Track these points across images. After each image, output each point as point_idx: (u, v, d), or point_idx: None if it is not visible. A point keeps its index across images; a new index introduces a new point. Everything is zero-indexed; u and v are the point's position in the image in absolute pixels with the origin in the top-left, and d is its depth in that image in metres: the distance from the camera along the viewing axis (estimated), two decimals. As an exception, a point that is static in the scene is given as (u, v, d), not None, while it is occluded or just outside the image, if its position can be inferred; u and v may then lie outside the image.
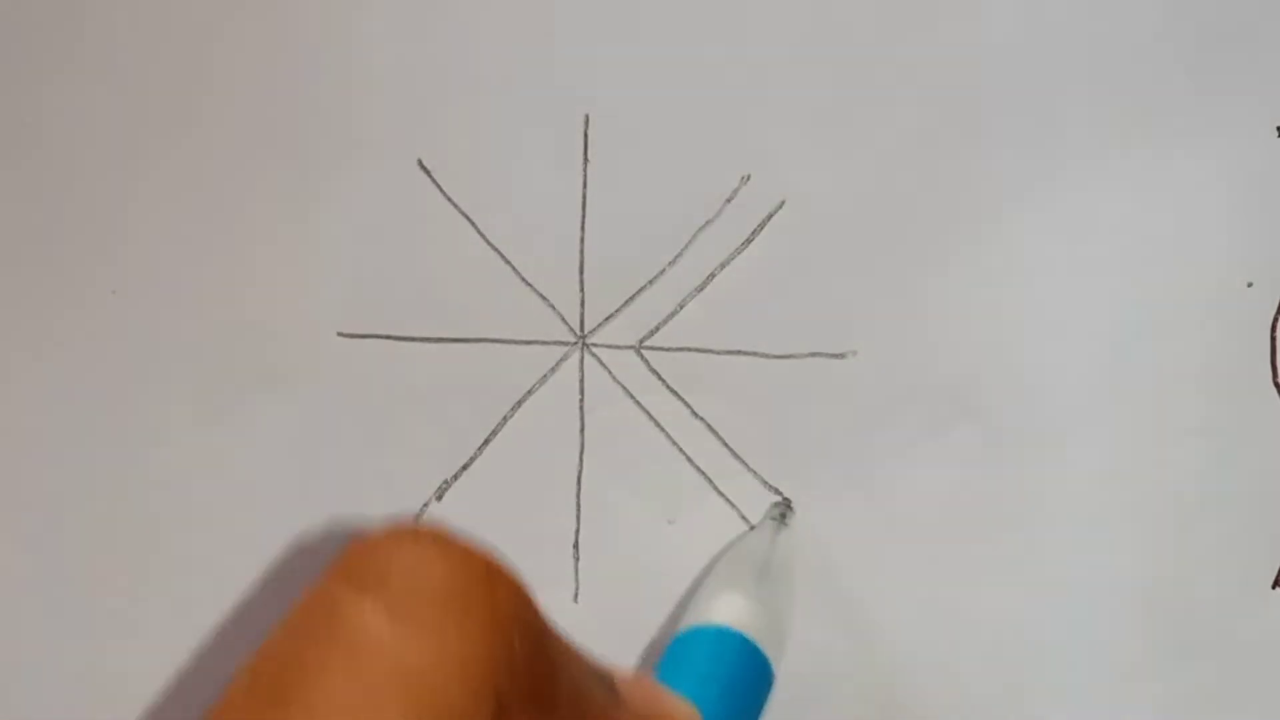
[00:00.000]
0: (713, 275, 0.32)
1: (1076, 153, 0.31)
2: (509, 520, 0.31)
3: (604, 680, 0.21)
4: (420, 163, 0.32)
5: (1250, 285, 0.31)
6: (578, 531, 0.32)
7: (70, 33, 0.32)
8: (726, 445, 0.32)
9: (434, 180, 0.32)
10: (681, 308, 0.32)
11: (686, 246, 0.32)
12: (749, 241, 0.32)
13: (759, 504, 0.32)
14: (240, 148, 0.32)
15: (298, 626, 0.18)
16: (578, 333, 0.32)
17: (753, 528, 0.32)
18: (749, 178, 0.31)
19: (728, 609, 0.28)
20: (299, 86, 0.32)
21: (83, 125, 0.32)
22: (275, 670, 0.18)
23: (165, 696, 0.31)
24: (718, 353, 0.32)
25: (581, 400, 0.32)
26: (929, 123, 0.31)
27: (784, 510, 0.31)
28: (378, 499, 0.32)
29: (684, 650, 0.27)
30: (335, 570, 0.19)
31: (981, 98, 0.31)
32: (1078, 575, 0.31)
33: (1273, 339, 0.31)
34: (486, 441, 0.32)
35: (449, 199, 0.32)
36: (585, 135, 0.32)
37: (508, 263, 0.32)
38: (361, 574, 0.19)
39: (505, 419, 0.32)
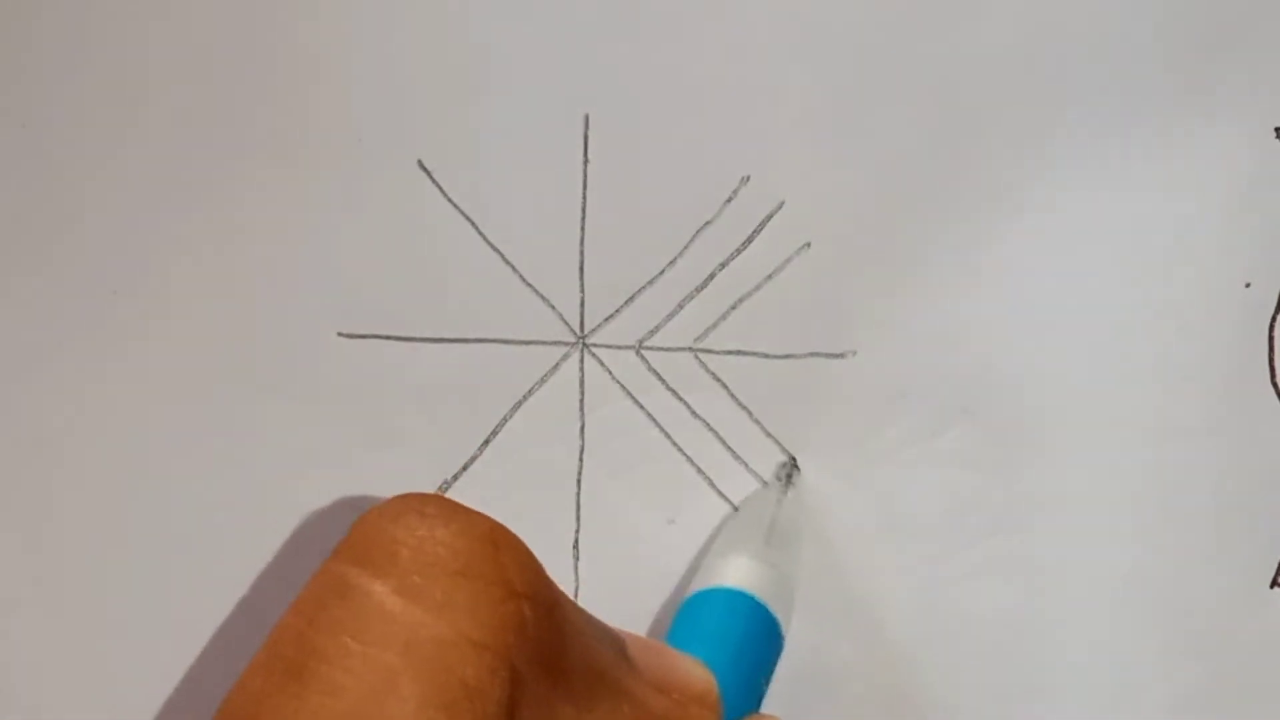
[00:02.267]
0: (713, 275, 0.32)
1: (1075, 153, 0.31)
2: (509, 520, 0.31)
3: (615, 644, 0.21)
4: (420, 163, 0.32)
5: (1248, 286, 0.31)
6: (578, 531, 0.32)
7: (70, 32, 0.32)
8: (726, 445, 0.32)
9: (434, 180, 0.32)
10: (681, 308, 0.32)
11: (686, 246, 0.32)
12: (749, 241, 0.32)
13: (759, 504, 0.32)
14: (240, 147, 0.32)
15: (310, 609, 0.18)
16: (577, 333, 0.32)
17: (763, 485, 0.32)
18: (749, 178, 0.31)
19: (736, 571, 0.28)
20: (299, 86, 0.32)
21: (83, 125, 0.32)
22: (291, 653, 0.18)
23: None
24: (718, 353, 0.32)
25: (581, 400, 0.32)
26: (928, 123, 0.31)
27: (790, 470, 0.31)
28: (378, 499, 0.31)
29: (694, 613, 0.28)
30: (343, 549, 0.19)
31: (980, 98, 0.31)
32: (1077, 575, 0.31)
33: (1271, 339, 0.32)
34: (486, 441, 0.32)
35: (449, 199, 0.32)
36: (585, 135, 0.32)
37: (508, 263, 0.32)
38: (369, 552, 0.19)
39: (505, 419, 0.32)
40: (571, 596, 0.31)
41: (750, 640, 0.27)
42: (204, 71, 0.32)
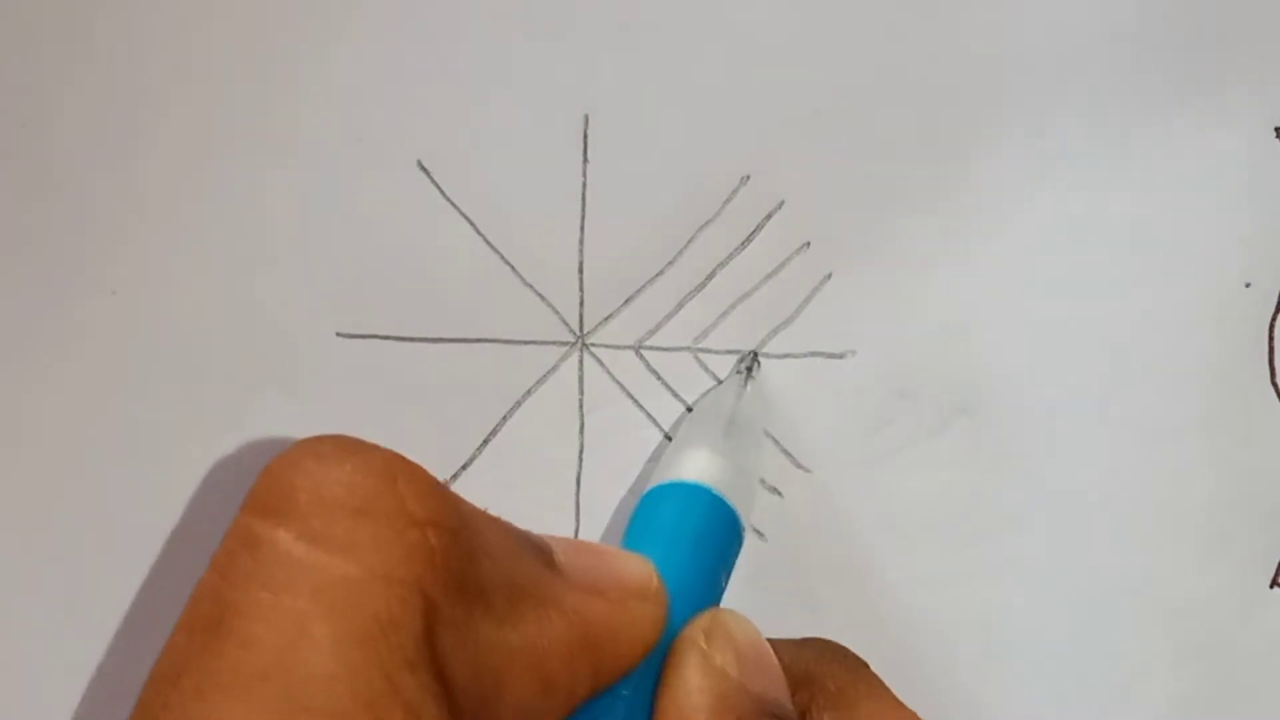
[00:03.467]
0: (712, 275, 0.32)
1: (1075, 152, 0.31)
2: (509, 520, 0.31)
3: (540, 554, 0.21)
4: (420, 163, 0.32)
5: (1248, 285, 0.31)
6: (577, 531, 0.32)
7: (70, 32, 0.32)
8: (726, 445, 0.32)
9: (434, 180, 0.32)
10: (681, 308, 0.32)
11: (686, 246, 0.32)
12: (749, 241, 0.32)
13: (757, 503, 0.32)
14: (240, 147, 0.32)
15: (224, 564, 0.19)
16: (577, 333, 0.32)
17: (719, 383, 0.31)
18: (749, 178, 0.32)
19: (692, 465, 0.27)
20: (299, 86, 0.32)
21: (83, 125, 0.32)
22: (208, 609, 0.18)
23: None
24: (718, 353, 0.32)
25: (581, 400, 0.32)
26: (928, 123, 0.31)
27: (750, 363, 0.31)
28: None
29: (650, 509, 0.27)
30: (249, 501, 0.19)
31: (979, 98, 0.31)
32: (1076, 575, 0.31)
33: (1270, 339, 0.32)
34: (486, 441, 0.32)
35: (449, 199, 0.32)
36: (585, 135, 0.32)
37: (507, 263, 0.32)
38: (271, 501, 0.19)
39: (505, 419, 0.32)
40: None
41: (707, 534, 0.26)
42: (204, 71, 0.32)
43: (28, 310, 0.32)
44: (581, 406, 0.32)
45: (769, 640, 0.25)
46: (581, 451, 0.32)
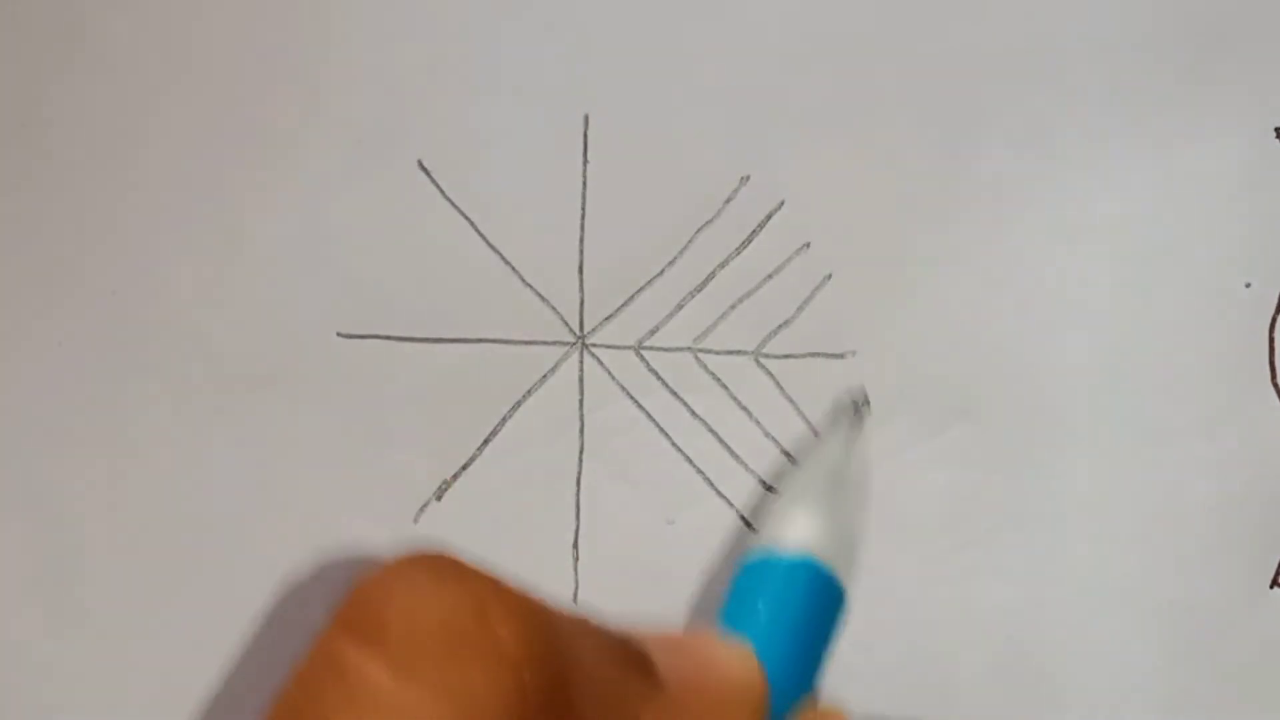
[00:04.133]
0: (712, 275, 0.32)
1: (1075, 153, 0.31)
2: (509, 520, 0.31)
3: (638, 665, 0.21)
4: (420, 163, 0.32)
5: (1248, 286, 0.31)
6: (577, 531, 0.32)
7: (70, 32, 0.32)
8: (726, 445, 0.32)
9: (434, 180, 0.32)
10: (681, 308, 0.32)
11: (686, 246, 0.32)
12: (748, 241, 0.32)
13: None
14: (240, 148, 0.32)
15: (306, 682, 0.18)
16: (577, 333, 0.32)
17: (831, 426, 0.31)
18: (748, 178, 0.32)
19: (798, 530, 0.26)
20: (299, 86, 0.32)
21: (83, 125, 0.32)
22: None
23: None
24: (718, 353, 0.32)
25: (581, 400, 0.32)
26: (928, 123, 0.31)
27: (859, 405, 0.30)
28: (377, 499, 0.32)
29: (752, 581, 0.26)
30: (337, 620, 0.19)
31: (980, 98, 0.31)
32: (1076, 575, 0.31)
33: (1271, 339, 0.32)
34: (486, 441, 0.32)
35: (449, 199, 0.32)
36: (585, 135, 0.32)
37: (507, 263, 0.32)
38: (362, 623, 0.18)
39: (505, 419, 0.32)
40: (571, 596, 0.31)
41: (812, 608, 0.25)
42: (204, 72, 0.32)
43: (28, 310, 0.32)
44: (581, 406, 0.32)
45: None
46: (581, 451, 0.32)
